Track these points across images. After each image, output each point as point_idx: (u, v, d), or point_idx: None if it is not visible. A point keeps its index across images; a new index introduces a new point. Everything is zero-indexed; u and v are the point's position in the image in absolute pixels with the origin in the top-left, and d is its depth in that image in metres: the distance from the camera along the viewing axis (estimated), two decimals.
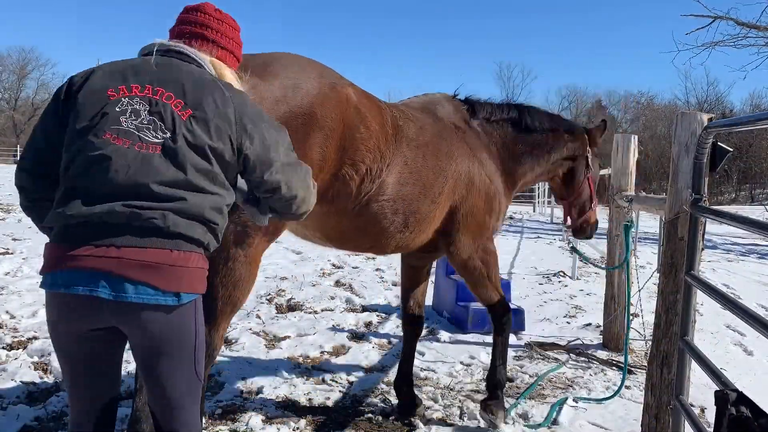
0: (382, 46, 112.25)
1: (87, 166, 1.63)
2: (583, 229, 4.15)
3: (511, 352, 4.90)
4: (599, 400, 3.92)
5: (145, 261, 1.60)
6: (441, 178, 3.07)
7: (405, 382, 3.64)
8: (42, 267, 1.68)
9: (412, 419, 3.48)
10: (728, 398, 1.66)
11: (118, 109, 1.68)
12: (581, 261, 5.16)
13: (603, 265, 4.98)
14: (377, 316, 5.82)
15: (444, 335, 5.23)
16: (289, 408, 3.57)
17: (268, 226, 2.25)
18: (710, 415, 3.74)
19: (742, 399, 1.66)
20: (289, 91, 2.38)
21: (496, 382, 3.51)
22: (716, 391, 1.73)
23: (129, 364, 4.07)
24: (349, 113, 2.59)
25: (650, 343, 3.15)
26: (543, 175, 3.96)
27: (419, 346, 4.87)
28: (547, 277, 8.36)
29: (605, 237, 5.43)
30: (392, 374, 4.24)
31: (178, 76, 1.75)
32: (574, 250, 5.28)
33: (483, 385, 4.10)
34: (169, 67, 1.78)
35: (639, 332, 5.35)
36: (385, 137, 2.76)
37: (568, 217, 4.17)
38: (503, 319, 3.55)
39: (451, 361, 4.61)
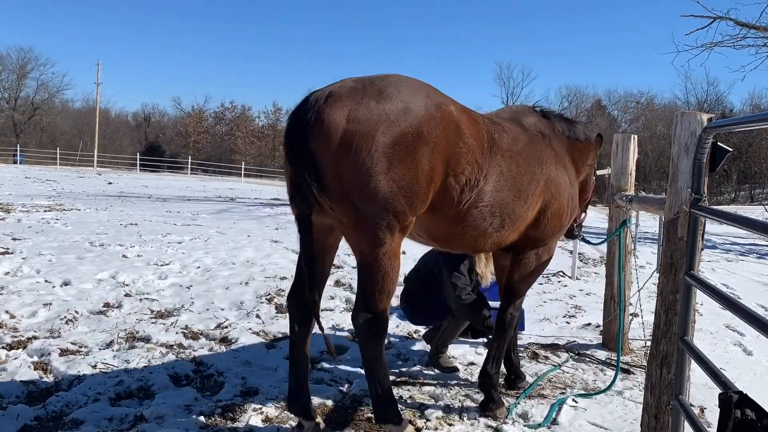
0: (381, 46, 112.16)
1: None
2: (574, 231, 4.55)
3: None
4: (595, 394, 3.92)
5: None
6: (534, 182, 3.41)
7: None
8: None
9: (412, 419, 3.48)
10: (731, 400, 1.65)
11: None
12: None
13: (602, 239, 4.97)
14: None
15: None
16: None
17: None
18: (710, 415, 3.74)
19: (745, 401, 1.66)
20: (401, 114, 2.80)
21: (487, 382, 3.67)
22: (720, 394, 1.73)
23: (128, 363, 4.07)
24: (451, 130, 2.97)
25: (650, 342, 3.15)
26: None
27: (419, 346, 4.88)
28: (547, 277, 8.36)
29: (605, 236, 5.43)
30: (393, 374, 4.24)
31: None
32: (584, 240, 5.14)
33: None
34: None
35: (639, 333, 5.35)
36: (481, 150, 3.11)
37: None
38: (509, 318, 3.75)
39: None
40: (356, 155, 2.72)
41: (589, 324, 5.87)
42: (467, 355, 4.75)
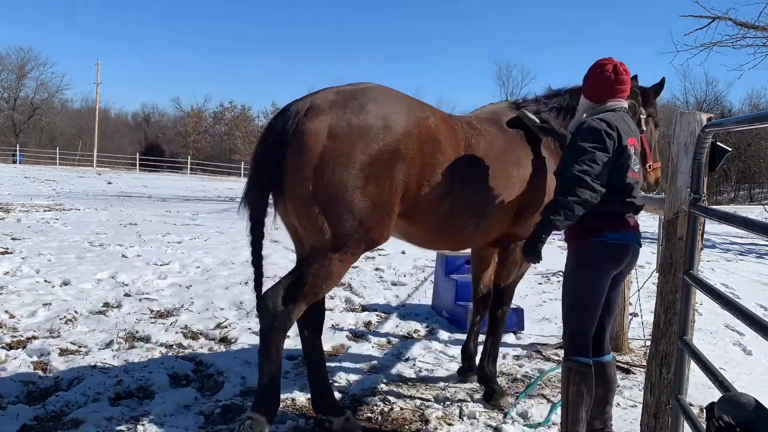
0: (379, 46, 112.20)
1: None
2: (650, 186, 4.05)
3: (510, 352, 4.91)
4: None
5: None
6: (510, 186, 3.40)
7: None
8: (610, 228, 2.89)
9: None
10: (714, 409, 1.66)
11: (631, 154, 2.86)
12: None
13: None
14: (377, 315, 5.82)
15: (443, 335, 5.23)
16: (288, 408, 3.57)
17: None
18: None
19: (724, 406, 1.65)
20: (380, 132, 2.86)
21: (488, 377, 3.85)
22: (707, 405, 1.73)
23: (128, 363, 4.07)
24: (429, 144, 3.04)
25: (649, 342, 3.15)
26: None
27: (419, 346, 4.88)
28: (547, 276, 8.37)
29: None
30: (392, 374, 4.24)
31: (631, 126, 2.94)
32: None
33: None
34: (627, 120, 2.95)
35: (639, 333, 5.35)
36: (458, 157, 3.18)
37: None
38: (500, 314, 3.84)
39: (450, 361, 4.61)
40: (333, 171, 2.77)
41: None
42: None
